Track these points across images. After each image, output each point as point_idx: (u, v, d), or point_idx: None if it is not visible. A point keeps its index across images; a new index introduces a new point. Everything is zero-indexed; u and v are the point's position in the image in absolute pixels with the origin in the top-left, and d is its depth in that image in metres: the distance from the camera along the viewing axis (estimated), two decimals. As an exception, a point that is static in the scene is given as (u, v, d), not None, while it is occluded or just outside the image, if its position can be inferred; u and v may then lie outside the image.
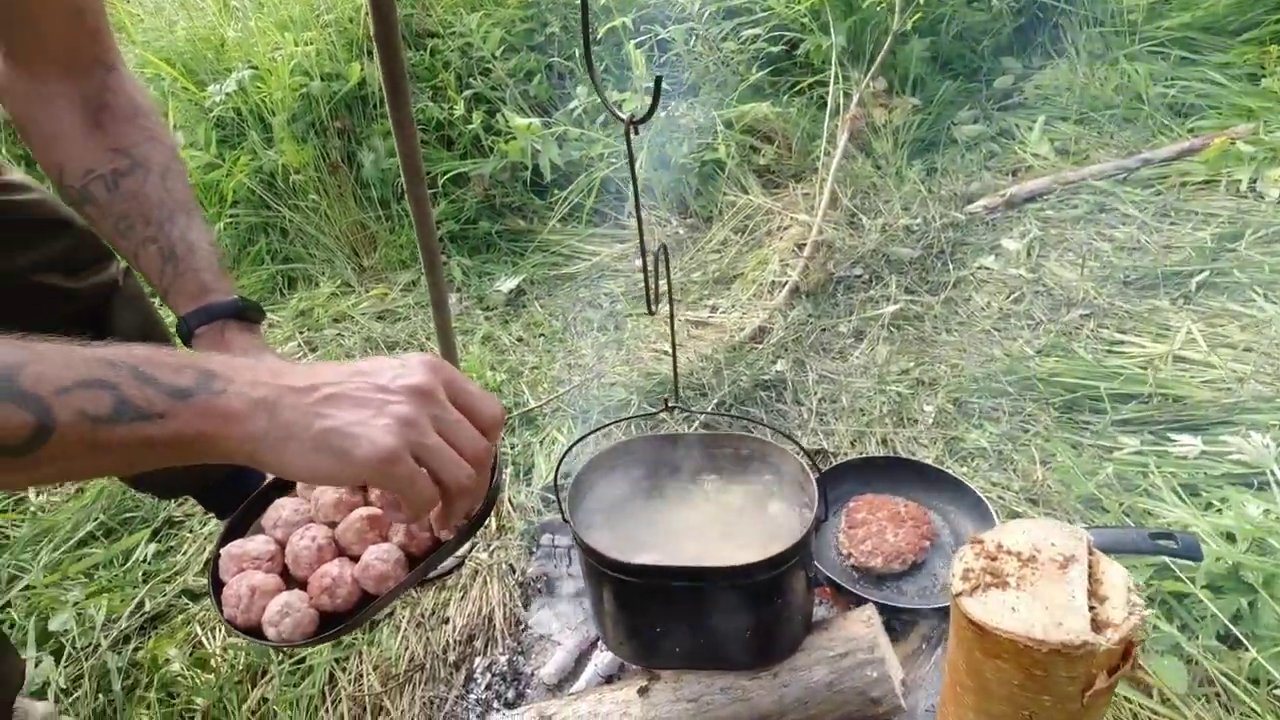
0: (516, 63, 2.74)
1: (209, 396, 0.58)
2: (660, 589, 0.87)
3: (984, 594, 0.68)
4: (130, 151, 0.93)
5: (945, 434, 1.58)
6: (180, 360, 0.59)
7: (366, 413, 0.61)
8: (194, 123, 2.73)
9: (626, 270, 2.46)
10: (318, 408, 0.61)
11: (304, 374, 0.63)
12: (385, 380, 0.63)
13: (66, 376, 0.53)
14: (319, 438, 0.60)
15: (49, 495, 1.81)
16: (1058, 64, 2.58)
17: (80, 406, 0.53)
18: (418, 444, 0.62)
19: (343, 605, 0.82)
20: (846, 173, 2.43)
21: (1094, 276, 1.91)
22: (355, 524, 0.88)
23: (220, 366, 0.60)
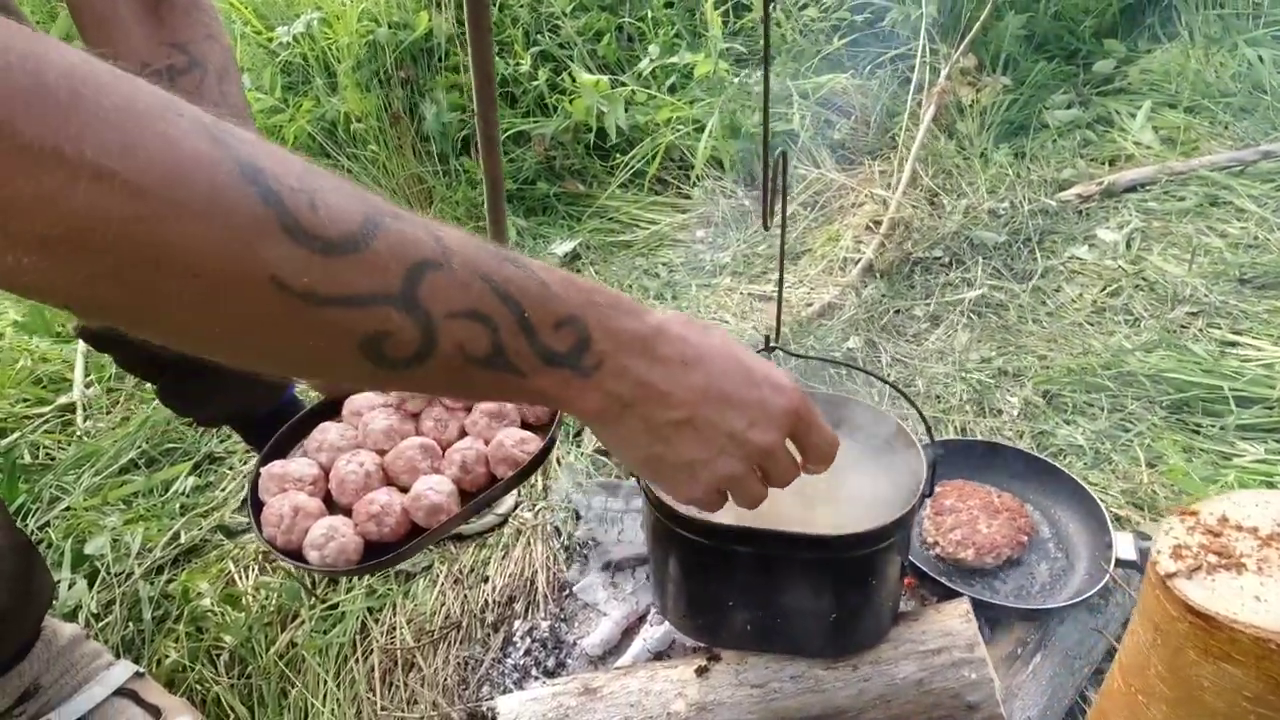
0: (586, 22, 2.65)
1: (572, 374, 0.52)
2: (737, 556, 0.78)
3: (1209, 576, 0.56)
4: (188, 48, 0.88)
5: (1033, 427, 1.45)
6: (566, 311, 0.51)
7: (703, 454, 0.59)
8: (260, 66, 2.70)
9: (686, 241, 2.36)
10: (664, 430, 0.57)
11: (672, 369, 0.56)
12: (740, 427, 0.59)
13: (461, 300, 0.46)
14: (650, 460, 0.59)
15: (95, 420, 1.79)
16: (1168, 48, 2.39)
17: (461, 339, 0.47)
18: (733, 490, 0.63)
19: (389, 535, 0.76)
20: (929, 151, 2.29)
21: (1204, 272, 1.75)
22: (407, 452, 0.82)
23: (600, 334, 0.53)
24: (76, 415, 1.81)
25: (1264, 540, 0.58)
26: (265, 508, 0.78)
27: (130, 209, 0.34)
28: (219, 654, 1.23)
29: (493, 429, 0.84)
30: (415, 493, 0.77)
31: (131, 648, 1.28)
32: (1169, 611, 0.57)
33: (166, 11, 0.87)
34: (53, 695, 1.08)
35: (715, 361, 0.58)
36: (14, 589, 1.02)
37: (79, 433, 1.77)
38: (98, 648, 1.15)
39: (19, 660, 1.06)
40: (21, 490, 1.55)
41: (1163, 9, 2.46)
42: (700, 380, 0.57)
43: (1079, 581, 1.01)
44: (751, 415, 0.59)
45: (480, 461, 0.81)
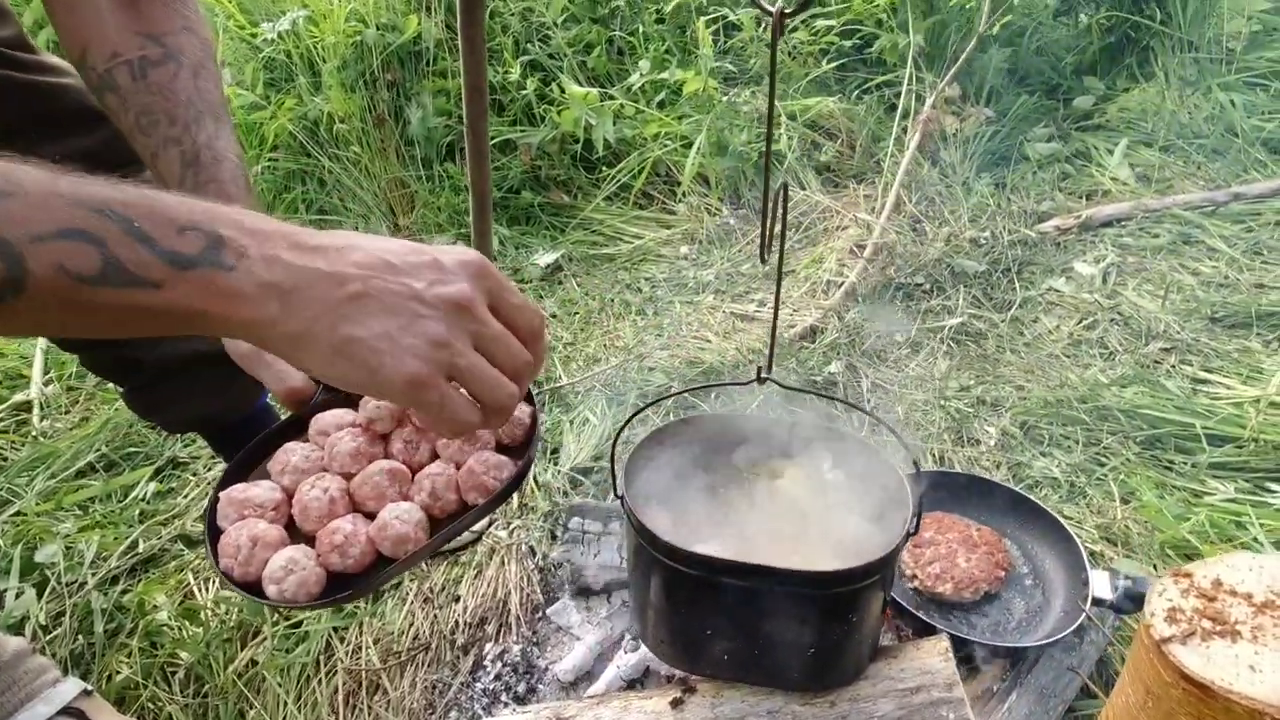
0: (577, 33, 2.64)
1: (213, 270, 0.50)
2: (718, 586, 0.76)
3: (1204, 644, 0.56)
4: (163, 39, 0.84)
5: (1010, 458, 1.46)
6: (187, 216, 0.50)
7: (396, 324, 0.54)
8: (243, 61, 2.65)
9: (670, 257, 2.36)
10: (342, 308, 0.53)
11: (329, 254, 0.54)
12: (421, 286, 0.55)
13: (45, 222, 0.45)
14: (342, 346, 0.54)
15: (53, 420, 1.73)
16: (1145, 88, 2.45)
17: (58, 260, 0.45)
18: (451, 365, 0.56)
19: (354, 566, 0.73)
20: (912, 178, 2.31)
21: (1177, 310, 1.78)
22: (374, 477, 0.78)
23: (233, 231, 0.51)
24: (33, 414, 1.75)
25: (1258, 607, 0.58)
26: (222, 537, 0.73)
27: None
28: (174, 671, 1.18)
29: (465, 452, 0.80)
30: (382, 521, 0.73)
31: (80, 662, 1.23)
32: (1163, 676, 0.56)
33: (145, 2, 0.84)
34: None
35: (372, 243, 0.57)
36: (-44, 601, 0.97)
37: (34, 433, 1.70)
38: (44, 663, 1.10)
39: (-42, 676, 1.00)
40: (-31, 492, 1.49)
41: (1140, 50, 2.52)
42: (362, 258, 0.55)
43: (1055, 619, 1.01)
44: (429, 274, 0.56)
45: (451, 488, 0.78)
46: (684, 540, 0.77)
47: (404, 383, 0.55)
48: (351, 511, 0.77)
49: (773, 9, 0.57)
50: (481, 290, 0.58)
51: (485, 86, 1.05)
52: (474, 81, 1.04)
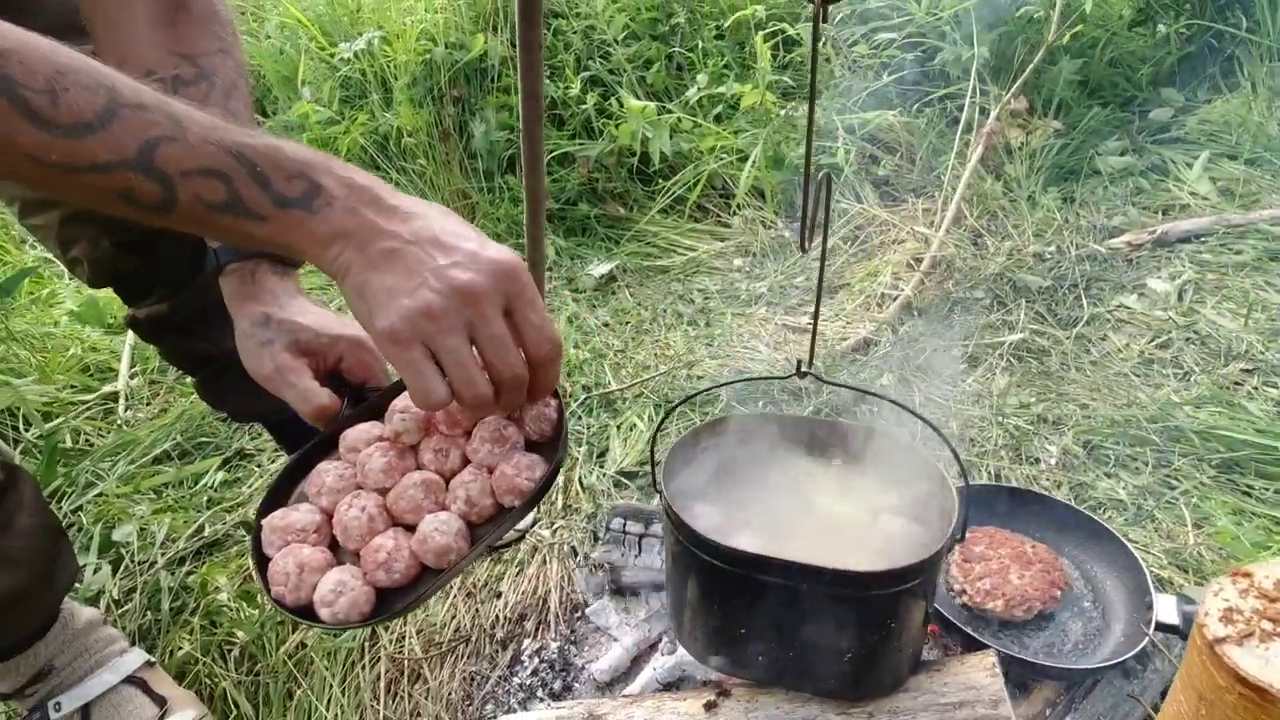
0: (637, 50, 2.69)
1: (305, 214, 0.61)
2: (756, 584, 0.75)
3: (1262, 645, 0.52)
4: (198, 60, 0.87)
5: (1071, 478, 1.39)
6: (298, 166, 0.61)
7: (405, 284, 0.61)
8: (321, 79, 2.79)
9: (723, 269, 2.36)
10: (375, 258, 0.62)
11: (396, 215, 0.63)
12: (442, 263, 0.62)
13: (193, 161, 0.58)
14: (360, 287, 0.62)
15: (135, 410, 1.84)
16: (1228, 98, 2.33)
17: (198, 191, 0.59)
18: (432, 338, 0.62)
19: (400, 580, 0.73)
20: (974, 192, 2.26)
21: (1260, 329, 1.68)
22: (409, 491, 0.78)
23: (332, 182, 0.62)
24: (119, 404, 1.86)
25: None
26: (270, 565, 0.74)
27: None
28: (230, 649, 1.23)
29: (495, 455, 0.79)
30: (422, 534, 0.74)
31: (147, 637, 1.29)
32: (1217, 680, 0.53)
33: (183, 22, 0.87)
34: (65, 677, 1.10)
35: (439, 218, 0.64)
36: (36, 570, 1.04)
37: (119, 421, 1.82)
38: (113, 633, 1.17)
39: (35, 640, 1.07)
40: (59, 474, 1.59)
41: (1224, 59, 2.40)
42: (419, 226, 0.63)
43: (1115, 643, 0.95)
44: (457, 257, 0.62)
45: (486, 493, 0.77)
46: (721, 536, 0.76)
47: (384, 330, 0.61)
48: (391, 526, 0.77)
49: None
50: (499, 291, 0.63)
51: (541, 92, 1.08)
52: (530, 87, 1.07)
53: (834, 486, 0.88)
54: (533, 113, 1.09)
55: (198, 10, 0.89)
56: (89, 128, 0.55)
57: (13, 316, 2.02)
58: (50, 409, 1.82)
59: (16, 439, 1.72)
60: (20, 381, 1.77)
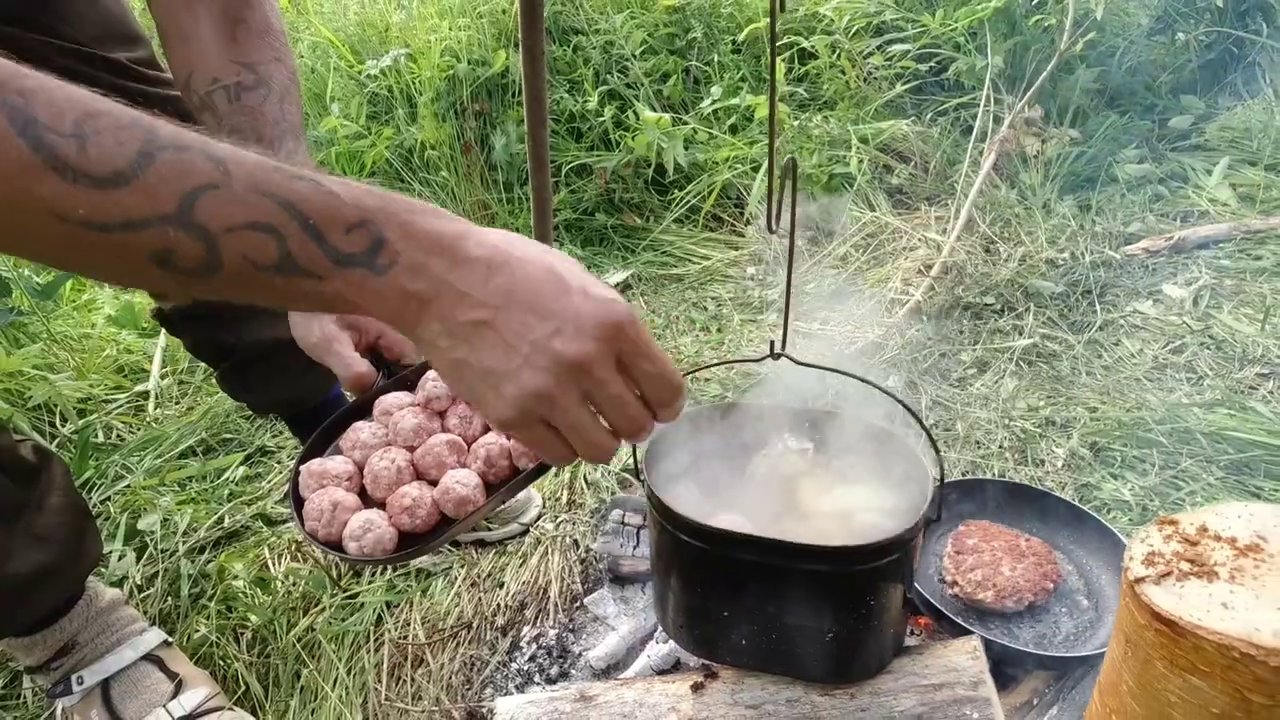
0: (655, 64, 2.75)
1: (368, 273, 0.54)
2: (735, 563, 0.77)
3: (1179, 584, 0.53)
4: (256, 68, 0.96)
5: (1077, 479, 1.39)
6: (357, 217, 0.54)
7: (505, 364, 0.56)
8: (349, 96, 2.90)
9: (736, 277, 2.38)
10: (463, 332, 0.56)
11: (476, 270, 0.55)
12: (542, 335, 0.55)
13: (240, 215, 0.51)
14: (454, 367, 0.57)
15: (164, 408, 1.91)
16: (1250, 105, 2.31)
17: (244, 251, 0.51)
18: (549, 417, 0.58)
19: (421, 526, 0.81)
20: (988, 199, 2.26)
21: (1278, 334, 1.65)
22: (435, 448, 0.87)
23: (395, 234, 0.54)
24: (149, 402, 1.94)
25: (1241, 550, 0.54)
26: (306, 503, 0.82)
27: None
28: (243, 633, 1.28)
29: None
30: (444, 486, 0.81)
31: (167, 620, 1.35)
32: (1137, 619, 0.54)
33: (242, 34, 0.96)
34: (87, 653, 1.15)
35: (526, 267, 0.56)
36: (66, 548, 1.10)
37: (149, 418, 1.89)
38: (133, 613, 1.22)
39: (61, 616, 1.13)
40: (90, 466, 1.67)
41: (1246, 66, 2.38)
42: (504, 283, 0.55)
43: (1106, 635, 0.95)
44: (558, 323, 0.55)
45: (504, 455, 0.85)
46: (701, 517, 0.79)
47: (500, 421, 0.58)
48: (416, 479, 0.86)
49: (770, -13, 0.60)
50: (609, 351, 0.57)
51: (544, 96, 1.12)
52: (533, 91, 1.12)
53: (815, 471, 0.89)
54: (537, 116, 1.14)
55: (256, 24, 0.97)
56: (121, 177, 0.47)
57: (54, 319, 2.12)
58: (85, 406, 1.90)
59: (53, 434, 1.80)
60: (57, 377, 1.85)
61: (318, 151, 2.90)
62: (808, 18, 2.75)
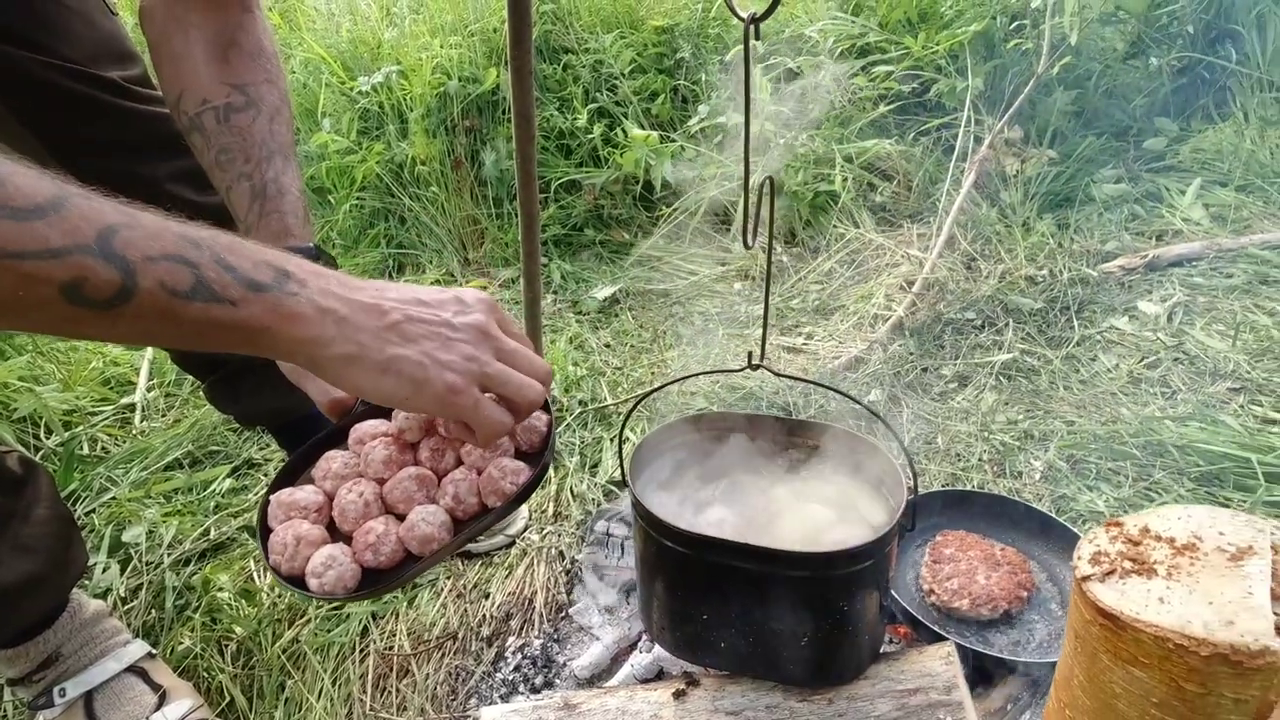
0: (644, 82, 2.79)
1: (281, 295, 0.60)
2: (715, 568, 0.79)
3: (1121, 581, 0.56)
4: (246, 89, 0.97)
5: (1054, 491, 1.41)
6: (262, 256, 0.62)
7: (434, 345, 0.66)
8: (341, 111, 2.93)
9: (723, 292, 2.41)
10: (387, 333, 0.64)
11: (370, 292, 0.66)
12: (449, 315, 0.68)
13: (155, 247, 0.56)
14: (389, 364, 0.64)
15: (150, 421, 1.91)
16: (1221, 127, 2.37)
17: (161, 277, 0.56)
18: (482, 375, 0.68)
19: (385, 563, 0.80)
20: (969, 217, 2.31)
21: (1248, 349, 1.70)
22: (404, 482, 0.85)
23: (296, 269, 0.63)
24: (135, 415, 1.94)
25: (1178, 549, 0.57)
26: (271, 535, 0.81)
27: None
28: (228, 644, 1.28)
29: (486, 459, 0.85)
30: (409, 523, 0.80)
31: (151, 633, 1.34)
32: (1084, 615, 0.56)
33: (234, 56, 0.97)
34: (70, 664, 1.14)
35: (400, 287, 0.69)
36: (52, 557, 1.10)
37: (135, 431, 1.89)
38: (117, 625, 1.22)
39: (46, 627, 1.13)
40: (75, 478, 1.66)
41: (1216, 90, 2.45)
42: (396, 294, 0.67)
43: (1080, 643, 0.97)
44: (453, 307, 0.68)
45: (472, 491, 0.83)
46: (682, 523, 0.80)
47: (446, 391, 0.65)
48: (384, 513, 0.84)
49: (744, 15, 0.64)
50: (494, 320, 0.71)
51: (532, 113, 1.15)
52: (521, 108, 1.14)
53: (794, 479, 0.91)
54: (525, 132, 1.16)
55: (248, 46, 0.99)
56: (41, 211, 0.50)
57: (41, 331, 2.12)
58: (71, 418, 1.90)
59: (38, 445, 1.80)
60: (43, 389, 1.85)
61: (309, 165, 2.92)
62: (794, 39, 2.81)
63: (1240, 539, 0.57)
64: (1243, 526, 0.58)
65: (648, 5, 2.96)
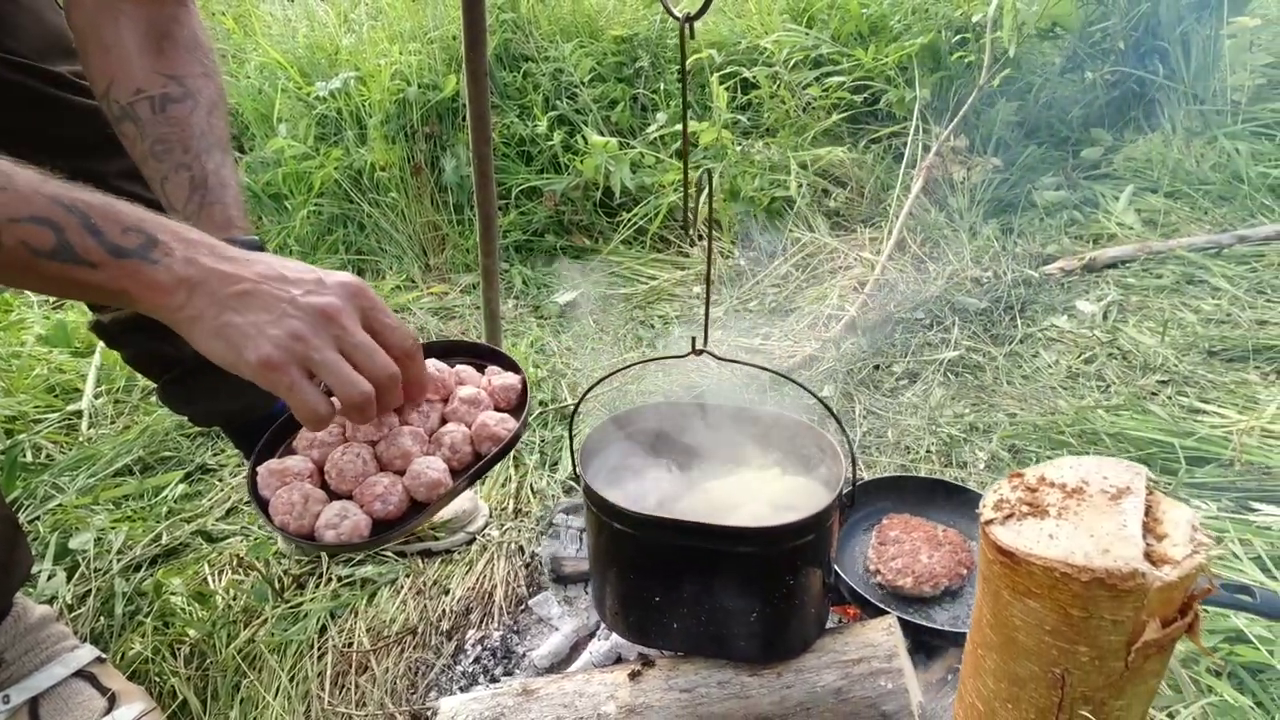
0: (603, 90, 2.83)
1: (140, 262, 0.64)
2: (663, 548, 0.81)
3: (1018, 523, 0.61)
4: (184, 80, 0.97)
5: (996, 478, 1.47)
6: (134, 221, 0.65)
7: (266, 318, 0.67)
8: (297, 117, 2.90)
9: (683, 296, 2.45)
10: (229, 300, 0.67)
11: (238, 263, 0.68)
12: (297, 293, 0.68)
13: (23, 209, 0.60)
14: (219, 329, 0.66)
15: (99, 428, 1.87)
16: (1151, 138, 2.51)
17: (23, 238, 0.60)
18: (305, 357, 0.67)
19: (394, 512, 0.84)
20: (918, 221, 2.39)
21: (1176, 345, 1.79)
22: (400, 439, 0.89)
23: (169, 237, 0.66)
24: (82, 422, 1.90)
25: (1068, 493, 0.62)
26: (274, 498, 0.84)
27: None
28: (180, 648, 1.26)
29: (471, 414, 0.92)
30: (414, 471, 0.85)
31: (100, 640, 1.31)
32: (988, 557, 0.61)
33: (169, 48, 0.97)
34: (15, 670, 1.12)
35: (278, 259, 0.71)
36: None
37: (82, 438, 1.85)
38: (64, 630, 1.19)
39: (-12, 633, 1.10)
40: (18, 485, 1.62)
41: (1146, 103, 2.59)
42: (262, 266, 0.69)
43: (1016, 616, 1.02)
44: (309, 286, 0.69)
45: (466, 441, 0.89)
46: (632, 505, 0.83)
47: (259, 362, 0.66)
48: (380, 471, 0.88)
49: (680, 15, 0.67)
50: (353, 307, 0.70)
51: (488, 114, 1.17)
52: (478, 110, 1.17)
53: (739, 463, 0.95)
54: (481, 134, 1.19)
55: (183, 38, 0.99)
56: None
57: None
58: (13, 425, 1.85)
59: (-21, 453, 1.74)
60: (-15, 395, 1.80)
61: (264, 171, 2.89)
62: (750, 49, 2.89)
63: (1120, 481, 0.63)
64: (1123, 471, 0.64)
65: (607, 15, 3.00)
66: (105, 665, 1.18)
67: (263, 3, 3.44)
